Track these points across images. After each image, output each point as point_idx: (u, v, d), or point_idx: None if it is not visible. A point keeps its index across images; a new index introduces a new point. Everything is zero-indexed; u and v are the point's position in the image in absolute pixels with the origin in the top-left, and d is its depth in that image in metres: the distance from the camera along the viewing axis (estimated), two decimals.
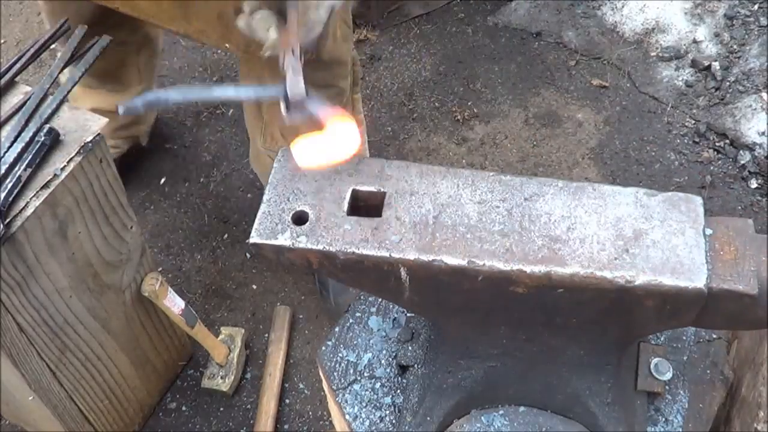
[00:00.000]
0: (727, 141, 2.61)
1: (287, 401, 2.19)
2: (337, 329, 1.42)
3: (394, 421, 1.32)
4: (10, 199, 1.43)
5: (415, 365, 1.32)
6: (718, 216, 1.22)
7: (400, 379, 1.35)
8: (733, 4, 2.88)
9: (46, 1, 2.05)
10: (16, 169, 1.46)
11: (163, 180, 2.64)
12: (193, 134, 2.74)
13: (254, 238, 1.05)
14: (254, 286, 2.40)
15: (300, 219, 1.06)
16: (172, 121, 2.77)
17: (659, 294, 0.98)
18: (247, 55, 1.86)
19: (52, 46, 1.71)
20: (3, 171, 1.45)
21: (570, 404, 1.19)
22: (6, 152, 1.47)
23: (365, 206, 1.08)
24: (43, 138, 1.48)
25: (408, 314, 1.39)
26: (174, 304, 1.90)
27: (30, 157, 1.47)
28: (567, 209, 1.05)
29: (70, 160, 1.50)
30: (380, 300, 1.43)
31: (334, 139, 1.06)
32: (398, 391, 1.34)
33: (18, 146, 1.48)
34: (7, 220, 1.42)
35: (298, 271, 2.37)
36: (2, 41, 3.00)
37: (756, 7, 2.86)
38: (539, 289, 1.01)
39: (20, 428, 2.11)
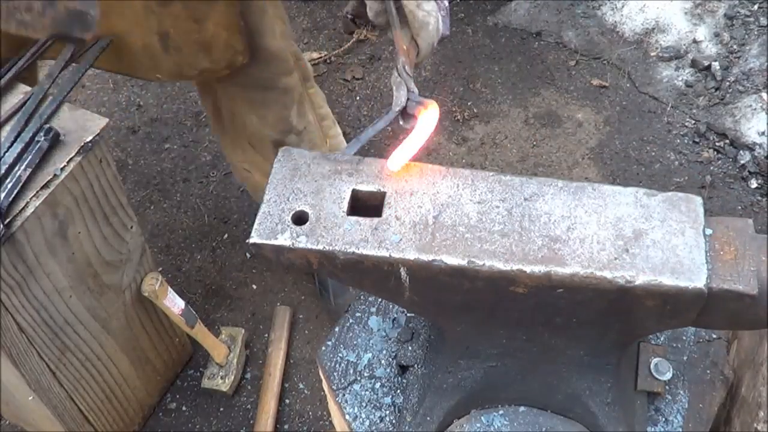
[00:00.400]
0: (727, 141, 2.61)
1: (287, 401, 2.19)
2: (337, 329, 1.42)
3: (394, 421, 1.31)
4: (10, 199, 1.43)
5: (415, 365, 1.31)
6: (718, 216, 1.22)
7: (400, 379, 1.35)
8: (733, 4, 2.88)
9: None
10: (16, 169, 1.45)
11: (163, 180, 2.64)
12: (193, 134, 2.74)
13: (254, 238, 1.05)
14: (254, 286, 2.40)
15: (300, 219, 1.06)
16: (171, 121, 2.77)
17: (659, 294, 0.98)
18: (186, 80, 1.84)
19: None
20: (3, 171, 1.45)
21: (570, 404, 1.19)
22: (6, 152, 1.47)
23: (365, 206, 1.08)
24: (42, 138, 1.48)
25: (408, 314, 1.39)
26: (174, 304, 1.90)
27: (30, 157, 1.47)
28: (567, 209, 1.05)
29: (70, 160, 1.50)
30: (380, 300, 1.43)
31: (418, 131, 1.13)
32: (398, 391, 1.34)
33: (18, 146, 1.48)
34: (7, 220, 1.42)
35: (298, 271, 2.37)
36: None
37: (756, 7, 2.86)
38: (539, 289, 1.01)
39: (20, 428, 2.12)
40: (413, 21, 1.23)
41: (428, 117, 1.15)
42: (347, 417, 1.32)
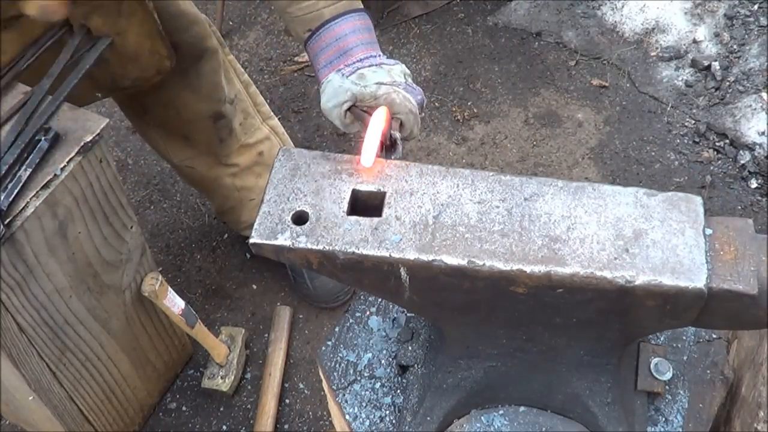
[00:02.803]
0: (727, 141, 2.61)
1: (287, 401, 2.19)
2: (337, 329, 1.42)
3: (394, 421, 1.31)
4: (10, 199, 1.43)
5: (415, 365, 1.31)
6: (718, 216, 1.22)
7: (400, 379, 1.35)
8: (733, 4, 2.88)
9: None
10: (16, 169, 1.45)
11: (163, 180, 2.64)
12: None
13: (254, 238, 1.05)
14: (254, 286, 2.40)
15: (300, 219, 1.06)
16: None
17: (659, 294, 0.98)
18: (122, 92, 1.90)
19: None
20: (3, 171, 1.45)
21: (570, 404, 1.19)
22: (6, 153, 1.47)
23: (365, 206, 1.08)
24: (42, 138, 1.48)
25: (408, 314, 1.39)
26: (174, 304, 1.90)
27: (30, 157, 1.47)
28: (567, 209, 1.05)
29: (70, 160, 1.50)
30: (380, 300, 1.43)
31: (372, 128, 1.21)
32: (398, 391, 1.34)
33: (18, 147, 1.48)
34: (7, 220, 1.42)
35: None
36: None
37: (756, 7, 2.86)
38: (539, 289, 1.01)
39: (20, 428, 2.12)
40: (382, 108, 1.31)
41: (377, 115, 1.23)
42: (347, 417, 1.32)
